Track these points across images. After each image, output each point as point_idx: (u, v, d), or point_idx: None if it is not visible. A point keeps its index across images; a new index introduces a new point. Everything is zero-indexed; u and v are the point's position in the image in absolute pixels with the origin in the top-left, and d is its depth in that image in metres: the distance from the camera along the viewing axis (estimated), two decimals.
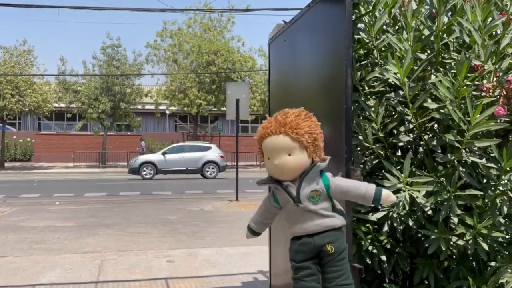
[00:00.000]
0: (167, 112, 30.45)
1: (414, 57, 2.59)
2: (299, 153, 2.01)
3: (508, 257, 2.56)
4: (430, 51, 2.75)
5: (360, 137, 2.65)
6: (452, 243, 2.49)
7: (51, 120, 32.03)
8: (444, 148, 2.61)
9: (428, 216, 2.59)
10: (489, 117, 2.30)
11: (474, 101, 2.31)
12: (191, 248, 6.20)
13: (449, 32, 2.70)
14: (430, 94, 2.58)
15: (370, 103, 2.69)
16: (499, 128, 2.38)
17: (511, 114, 2.41)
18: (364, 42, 2.80)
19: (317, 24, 2.75)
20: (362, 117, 2.73)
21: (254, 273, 4.91)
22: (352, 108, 2.44)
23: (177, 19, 35.44)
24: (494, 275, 2.49)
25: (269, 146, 2.05)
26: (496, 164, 2.41)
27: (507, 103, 2.38)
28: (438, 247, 2.46)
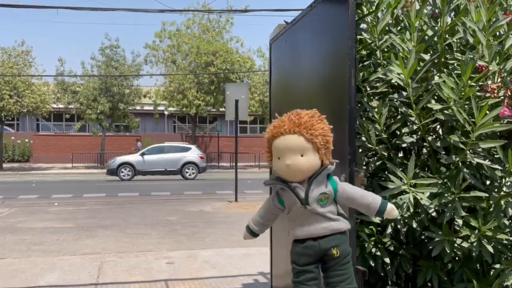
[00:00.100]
0: (166, 113, 30.38)
1: (418, 58, 2.57)
2: (312, 154, 1.99)
3: None
4: (433, 52, 2.73)
5: (363, 138, 2.63)
6: (457, 245, 2.47)
7: (50, 121, 31.92)
8: (448, 150, 2.59)
9: (432, 218, 2.57)
10: (494, 118, 2.29)
11: (479, 102, 2.29)
12: (191, 249, 6.16)
13: (452, 33, 2.68)
14: (433, 95, 2.56)
15: (373, 104, 2.67)
16: (504, 129, 2.36)
17: None
18: (367, 43, 2.78)
19: (320, 25, 2.73)
20: (365, 118, 2.71)
21: (255, 275, 4.88)
22: (355, 109, 2.42)
23: (176, 20, 35.34)
24: (499, 278, 2.47)
25: (281, 146, 2.02)
26: (501, 166, 2.39)
27: None
28: (443, 249, 2.44)
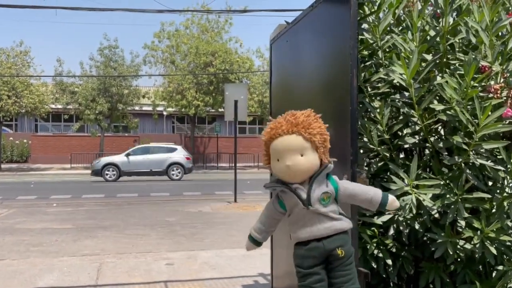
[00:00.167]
0: (165, 114, 30.34)
1: (420, 58, 2.55)
2: (311, 154, 1.98)
3: None
4: (434, 52, 2.72)
5: (365, 139, 2.61)
6: (459, 247, 2.45)
7: (48, 122, 31.85)
8: (450, 150, 2.57)
9: (434, 219, 2.56)
10: (497, 119, 2.27)
11: (482, 103, 2.27)
12: (190, 251, 6.14)
13: (454, 33, 2.66)
14: (435, 96, 2.55)
15: (375, 105, 2.66)
16: (507, 130, 2.34)
17: None
18: (368, 43, 2.76)
19: (321, 24, 2.71)
20: (367, 119, 2.69)
21: (255, 276, 4.86)
22: (357, 110, 2.40)
23: (175, 20, 35.41)
24: (502, 279, 2.45)
25: (280, 147, 1.99)
26: (504, 166, 2.37)
27: None
28: (445, 251, 2.43)
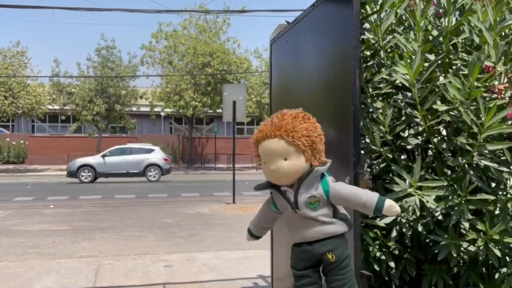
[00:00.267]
0: (162, 114, 30.28)
1: (422, 58, 2.52)
2: (296, 158, 1.91)
3: None
4: (436, 52, 2.69)
5: (367, 140, 2.58)
6: (463, 249, 2.42)
7: (45, 122, 31.77)
8: (453, 151, 2.55)
9: (437, 221, 2.53)
10: (502, 120, 2.24)
11: (487, 103, 2.25)
12: (189, 252, 6.10)
13: (457, 33, 2.64)
14: (438, 96, 2.52)
15: (377, 105, 2.63)
16: (511, 131, 2.32)
17: None
18: (370, 43, 2.74)
19: (322, 24, 2.69)
20: (369, 120, 2.66)
21: (254, 278, 4.83)
22: (360, 110, 2.37)
23: (173, 21, 35.40)
24: (505, 282, 2.43)
25: (264, 150, 1.96)
26: (507, 168, 2.35)
27: None
28: (449, 253, 2.40)
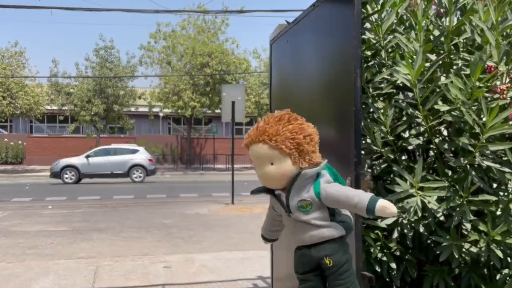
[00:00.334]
0: (161, 115, 30.23)
1: (424, 58, 2.51)
2: (282, 162, 1.86)
3: None
4: (438, 52, 2.68)
5: (368, 140, 2.56)
6: (465, 250, 2.41)
7: (43, 123, 31.67)
8: (454, 152, 2.53)
9: (439, 222, 2.51)
10: (504, 120, 2.23)
11: (489, 104, 2.23)
12: (188, 253, 6.08)
13: (458, 33, 2.63)
14: (439, 96, 2.50)
15: (378, 106, 2.61)
16: None
17: None
18: (371, 43, 2.72)
19: (323, 24, 2.67)
20: (370, 120, 2.64)
21: (254, 279, 4.81)
22: (361, 111, 2.36)
23: (171, 21, 35.24)
24: (507, 283, 2.42)
25: (253, 155, 1.94)
26: (510, 168, 2.34)
27: None
28: (450, 254, 2.38)
